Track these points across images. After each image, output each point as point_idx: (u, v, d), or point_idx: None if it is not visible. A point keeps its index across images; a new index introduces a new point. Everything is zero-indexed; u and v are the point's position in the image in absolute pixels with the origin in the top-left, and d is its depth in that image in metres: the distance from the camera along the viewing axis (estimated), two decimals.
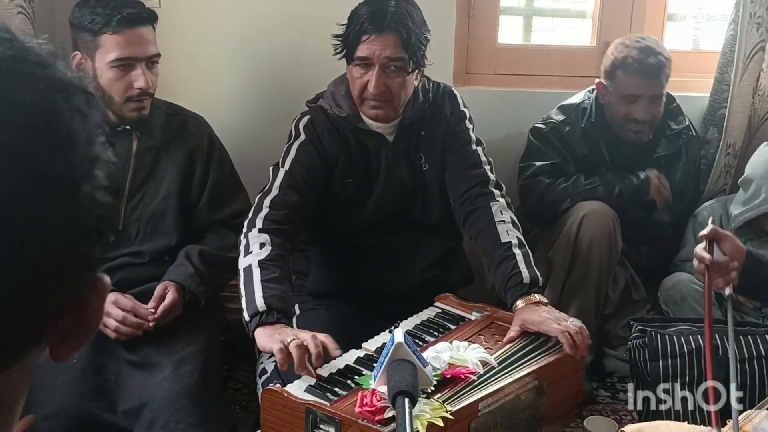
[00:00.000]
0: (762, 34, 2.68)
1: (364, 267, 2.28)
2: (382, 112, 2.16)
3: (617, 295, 2.63)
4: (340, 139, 2.21)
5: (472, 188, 2.22)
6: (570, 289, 2.48)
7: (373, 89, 2.10)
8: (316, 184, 2.17)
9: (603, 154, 2.64)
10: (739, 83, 2.71)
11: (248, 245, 2.00)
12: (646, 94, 2.55)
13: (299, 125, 2.22)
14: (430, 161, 2.26)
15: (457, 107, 2.30)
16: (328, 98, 2.22)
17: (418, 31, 2.10)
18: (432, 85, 2.30)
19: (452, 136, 2.27)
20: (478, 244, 2.18)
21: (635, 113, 2.56)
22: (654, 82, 2.54)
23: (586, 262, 2.45)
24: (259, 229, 2.03)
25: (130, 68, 2.09)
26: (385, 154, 2.23)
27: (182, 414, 1.92)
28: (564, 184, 2.56)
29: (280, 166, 2.16)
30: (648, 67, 2.53)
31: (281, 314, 1.86)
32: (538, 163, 2.60)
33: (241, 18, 2.79)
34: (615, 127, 2.63)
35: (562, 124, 2.63)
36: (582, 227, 2.45)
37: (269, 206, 2.07)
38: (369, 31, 2.06)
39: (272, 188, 2.12)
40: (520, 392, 1.74)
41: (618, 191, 2.54)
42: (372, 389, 1.58)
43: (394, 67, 2.09)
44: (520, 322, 1.92)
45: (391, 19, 2.06)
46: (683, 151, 2.70)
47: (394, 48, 2.07)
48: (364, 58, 2.09)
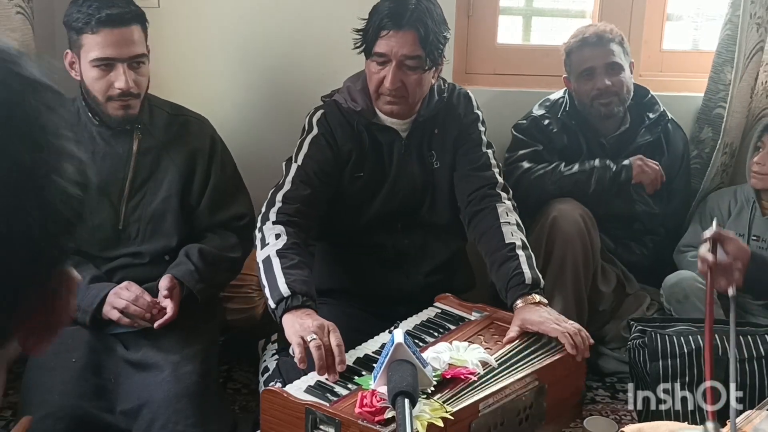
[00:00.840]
0: (762, 34, 2.69)
1: (369, 266, 2.28)
2: (397, 108, 2.17)
3: (611, 292, 2.63)
4: (353, 133, 2.21)
5: (479, 189, 2.23)
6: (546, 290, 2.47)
7: (389, 85, 2.11)
8: (328, 178, 2.18)
9: (581, 146, 2.66)
10: (739, 83, 2.72)
11: (264, 238, 2.02)
12: (599, 64, 2.61)
13: (312, 119, 2.23)
14: (441, 159, 2.27)
15: (471, 109, 2.32)
16: (344, 93, 2.23)
17: (437, 29, 2.11)
18: (447, 85, 2.32)
19: (464, 136, 2.28)
20: (482, 245, 2.19)
21: (596, 84, 2.61)
22: (601, 50, 2.61)
23: (560, 262, 2.46)
24: (273, 221, 2.05)
25: (111, 68, 2.08)
26: (398, 149, 2.24)
27: (181, 414, 1.91)
28: (542, 171, 2.57)
29: (292, 161, 2.18)
30: (591, 38, 2.62)
31: (306, 297, 1.88)
32: (520, 152, 2.64)
33: (241, 17, 2.78)
34: (588, 115, 2.66)
35: (542, 117, 2.68)
36: (553, 228, 2.46)
37: (282, 201, 2.10)
38: (388, 26, 2.08)
39: (285, 183, 2.14)
40: (521, 392, 1.73)
41: (597, 177, 2.55)
42: (372, 390, 1.58)
43: (411, 64, 2.10)
44: (520, 322, 1.92)
45: (410, 16, 2.07)
46: (663, 139, 2.71)
47: (412, 45, 2.08)
48: (382, 54, 2.10)
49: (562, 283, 2.47)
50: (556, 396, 1.83)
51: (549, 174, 2.57)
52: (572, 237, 2.45)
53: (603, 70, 2.61)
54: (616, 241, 2.70)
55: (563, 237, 2.45)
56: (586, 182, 2.55)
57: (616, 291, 2.66)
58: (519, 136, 2.68)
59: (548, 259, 2.46)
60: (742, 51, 2.68)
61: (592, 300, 2.58)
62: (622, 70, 2.62)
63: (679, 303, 2.54)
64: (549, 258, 2.46)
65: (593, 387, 2.58)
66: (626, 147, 2.68)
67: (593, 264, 2.54)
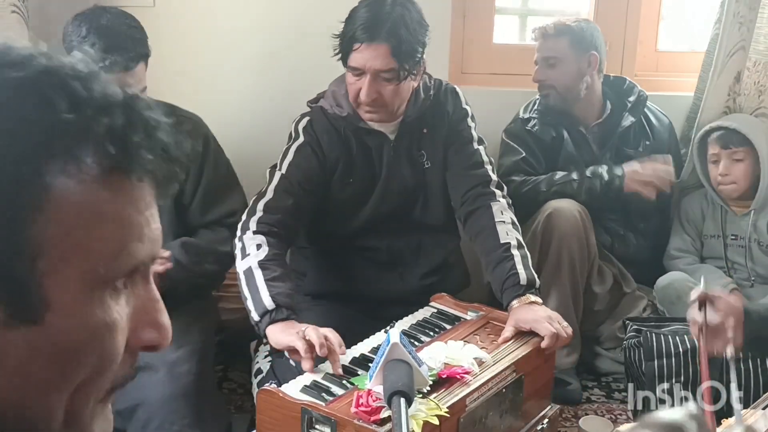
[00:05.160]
0: (743, 33, 2.69)
1: (363, 269, 2.27)
2: (377, 116, 2.15)
3: (606, 292, 2.63)
4: (340, 139, 2.19)
5: (473, 188, 2.22)
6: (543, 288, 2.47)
7: (365, 98, 2.08)
8: (313, 187, 2.16)
9: (564, 136, 2.67)
10: (717, 80, 2.73)
11: (244, 248, 2.00)
12: (539, 57, 2.66)
13: (298, 127, 2.20)
14: (431, 159, 2.26)
15: (459, 105, 2.30)
16: (329, 98, 2.20)
17: (412, 38, 2.06)
18: (434, 82, 2.28)
19: (454, 134, 2.27)
20: (477, 244, 2.18)
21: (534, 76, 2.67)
22: (547, 42, 2.64)
23: (556, 259, 2.46)
24: (253, 231, 2.02)
25: None
26: (387, 152, 2.22)
27: (177, 415, 1.91)
28: (532, 185, 2.58)
29: (277, 168, 2.15)
30: (548, 29, 2.65)
31: (290, 311, 1.87)
32: (506, 162, 2.65)
33: (235, 15, 2.78)
34: (545, 102, 2.69)
35: (527, 119, 2.70)
36: (549, 225, 2.46)
37: (263, 210, 2.07)
38: (360, 39, 2.03)
39: (267, 192, 2.11)
40: (502, 385, 1.76)
41: (587, 187, 2.55)
42: (368, 389, 1.58)
43: (386, 76, 2.07)
44: (514, 322, 1.93)
45: (383, 28, 2.02)
46: (645, 122, 2.73)
47: (385, 59, 2.04)
48: (356, 68, 2.07)
49: (559, 279, 2.47)
50: (531, 385, 1.86)
51: (540, 186, 2.57)
52: (568, 233, 2.46)
53: (542, 63, 2.65)
54: (613, 235, 2.70)
55: (560, 234, 2.45)
56: (576, 193, 2.55)
57: (612, 290, 2.66)
58: (506, 140, 2.71)
59: (544, 256, 2.47)
60: (723, 48, 2.69)
61: (586, 300, 2.58)
62: (562, 64, 2.63)
63: (672, 304, 2.54)
64: (545, 255, 2.47)
65: (588, 387, 2.58)
66: (610, 133, 2.69)
67: (589, 261, 2.54)
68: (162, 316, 0.64)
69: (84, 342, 0.58)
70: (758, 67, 2.72)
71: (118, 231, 0.59)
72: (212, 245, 2.22)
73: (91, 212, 0.57)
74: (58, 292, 0.56)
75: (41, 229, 0.55)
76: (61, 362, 0.57)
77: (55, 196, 0.56)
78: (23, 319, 0.56)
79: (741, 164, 2.56)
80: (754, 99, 2.77)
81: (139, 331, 0.63)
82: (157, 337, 0.64)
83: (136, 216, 0.60)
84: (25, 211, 0.55)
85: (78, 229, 0.57)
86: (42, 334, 0.56)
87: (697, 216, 2.71)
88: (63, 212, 0.56)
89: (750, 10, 2.67)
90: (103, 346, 0.59)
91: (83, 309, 0.58)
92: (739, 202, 2.62)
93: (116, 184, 0.59)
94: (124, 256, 0.59)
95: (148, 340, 0.63)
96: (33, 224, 0.55)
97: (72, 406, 0.60)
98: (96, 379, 0.60)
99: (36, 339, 0.56)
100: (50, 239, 0.56)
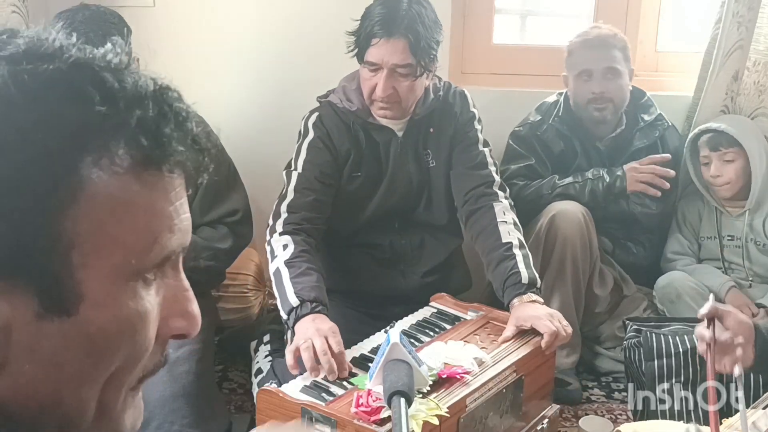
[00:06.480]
0: (742, 33, 2.69)
1: (365, 266, 2.29)
2: (390, 113, 2.17)
3: (607, 294, 2.63)
4: (349, 133, 2.22)
5: (476, 188, 2.24)
6: (546, 289, 2.48)
7: (381, 93, 2.11)
8: (330, 180, 2.19)
9: (576, 150, 2.65)
10: (715, 79, 2.72)
11: (273, 250, 2.05)
12: (597, 67, 2.57)
13: (308, 123, 2.22)
14: (437, 158, 2.27)
15: (467, 107, 2.32)
16: (339, 93, 2.23)
17: (429, 34, 2.09)
18: (444, 84, 2.31)
19: (461, 135, 2.28)
20: (479, 244, 2.19)
21: (592, 88, 2.58)
22: (601, 54, 2.58)
23: (560, 260, 2.46)
24: (279, 233, 2.08)
25: None
26: (394, 148, 2.24)
27: (177, 414, 1.91)
28: (535, 187, 2.57)
29: (292, 168, 2.18)
30: (593, 40, 2.59)
31: (315, 303, 1.90)
32: (513, 167, 2.62)
33: (236, 15, 2.78)
34: (582, 116, 2.63)
35: (539, 123, 2.66)
36: (553, 227, 2.45)
37: (287, 211, 2.11)
38: (378, 34, 2.06)
39: (288, 193, 2.15)
40: (502, 386, 1.76)
41: (590, 189, 2.55)
42: (367, 389, 1.58)
43: (403, 72, 2.09)
44: (515, 320, 1.94)
45: (401, 24, 2.05)
46: (659, 144, 2.70)
47: (403, 54, 2.07)
48: (373, 63, 2.09)
49: (562, 281, 2.47)
50: (531, 385, 1.86)
51: (543, 189, 2.56)
52: (572, 235, 2.45)
53: (601, 74, 2.57)
54: (615, 241, 2.70)
55: (563, 235, 2.45)
56: (579, 195, 2.54)
57: (613, 293, 2.66)
58: (514, 145, 2.66)
59: (548, 258, 2.46)
60: (722, 48, 2.69)
61: (587, 302, 2.58)
62: (620, 77, 2.59)
63: (672, 303, 2.54)
64: (549, 256, 2.46)
65: (588, 386, 2.58)
66: (622, 151, 2.66)
67: (591, 262, 2.54)
68: (192, 305, 0.64)
69: (117, 333, 0.58)
70: (758, 66, 2.72)
71: (150, 222, 0.59)
72: (209, 242, 2.22)
73: (124, 204, 0.57)
74: (92, 284, 0.56)
75: (75, 222, 0.55)
76: (95, 353, 0.58)
77: (89, 189, 0.56)
78: (57, 311, 0.56)
79: (732, 165, 2.56)
80: (754, 99, 2.76)
81: (169, 320, 0.63)
82: (186, 325, 0.64)
83: (167, 207, 0.60)
84: (60, 204, 0.55)
85: (111, 221, 0.57)
86: (76, 325, 0.56)
87: (695, 218, 2.71)
88: (96, 205, 0.56)
89: (749, 10, 2.67)
90: (135, 336, 0.59)
91: (116, 300, 0.58)
92: (734, 203, 2.62)
93: (148, 176, 0.59)
94: (156, 247, 0.59)
95: (178, 328, 0.63)
96: (67, 217, 0.55)
97: (105, 396, 0.60)
98: (129, 368, 0.60)
99: (70, 331, 0.56)
100: (84, 232, 0.56)
